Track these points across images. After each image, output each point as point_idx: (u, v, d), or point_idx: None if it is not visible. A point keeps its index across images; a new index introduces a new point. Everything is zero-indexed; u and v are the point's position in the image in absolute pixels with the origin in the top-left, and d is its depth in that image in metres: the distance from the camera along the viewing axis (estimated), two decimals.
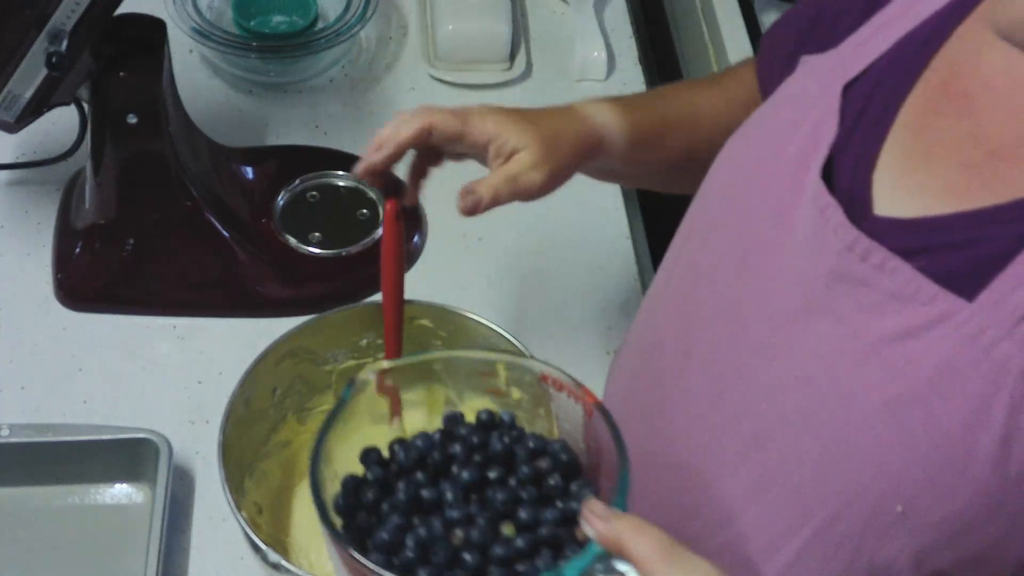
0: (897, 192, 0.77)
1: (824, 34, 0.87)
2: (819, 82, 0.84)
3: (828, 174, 0.80)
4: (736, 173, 0.89)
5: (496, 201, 0.90)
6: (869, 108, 0.80)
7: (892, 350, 0.74)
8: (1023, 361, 0.69)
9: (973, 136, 0.75)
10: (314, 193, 1.28)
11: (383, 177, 0.93)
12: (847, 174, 0.79)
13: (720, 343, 0.86)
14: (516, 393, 0.99)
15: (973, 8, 0.78)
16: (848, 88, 0.81)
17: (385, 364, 0.85)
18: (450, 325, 1.01)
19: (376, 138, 0.91)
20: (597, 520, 0.69)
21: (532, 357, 0.83)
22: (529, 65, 1.43)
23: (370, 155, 0.91)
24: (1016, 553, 0.74)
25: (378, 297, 1.20)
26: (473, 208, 0.89)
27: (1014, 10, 0.73)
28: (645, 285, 1.26)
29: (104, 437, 1.06)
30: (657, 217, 1.38)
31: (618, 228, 1.30)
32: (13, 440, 1.05)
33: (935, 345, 0.72)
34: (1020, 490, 0.71)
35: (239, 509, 0.88)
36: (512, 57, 1.42)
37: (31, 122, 1.09)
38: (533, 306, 1.21)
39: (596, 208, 1.30)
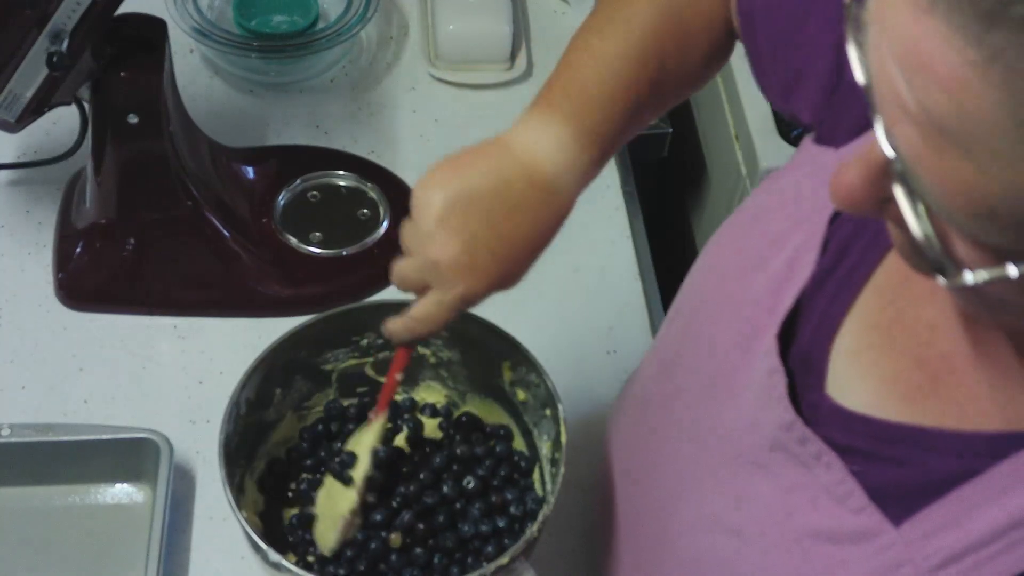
0: (851, 369, 0.73)
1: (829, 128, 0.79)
2: (814, 194, 0.77)
3: (797, 316, 0.76)
4: (715, 279, 0.85)
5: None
6: (848, 253, 0.74)
7: (816, 548, 0.72)
8: None
9: (931, 329, 0.70)
10: (315, 193, 1.28)
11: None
12: (809, 331, 0.75)
13: (679, 460, 0.85)
14: (521, 394, 0.99)
15: None
16: (835, 218, 0.75)
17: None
18: (450, 325, 1.01)
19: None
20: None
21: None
22: (530, 65, 1.43)
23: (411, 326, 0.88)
24: None
25: (378, 297, 1.20)
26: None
27: None
28: (645, 285, 1.26)
29: (104, 437, 1.06)
30: (657, 217, 1.38)
31: (618, 228, 1.30)
32: (13, 440, 1.05)
33: (855, 562, 0.70)
34: None
35: (239, 509, 0.88)
36: (513, 57, 1.42)
37: (32, 122, 1.09)
38: (533, 306, 1.21)
39: (596, 208, 1.30)
